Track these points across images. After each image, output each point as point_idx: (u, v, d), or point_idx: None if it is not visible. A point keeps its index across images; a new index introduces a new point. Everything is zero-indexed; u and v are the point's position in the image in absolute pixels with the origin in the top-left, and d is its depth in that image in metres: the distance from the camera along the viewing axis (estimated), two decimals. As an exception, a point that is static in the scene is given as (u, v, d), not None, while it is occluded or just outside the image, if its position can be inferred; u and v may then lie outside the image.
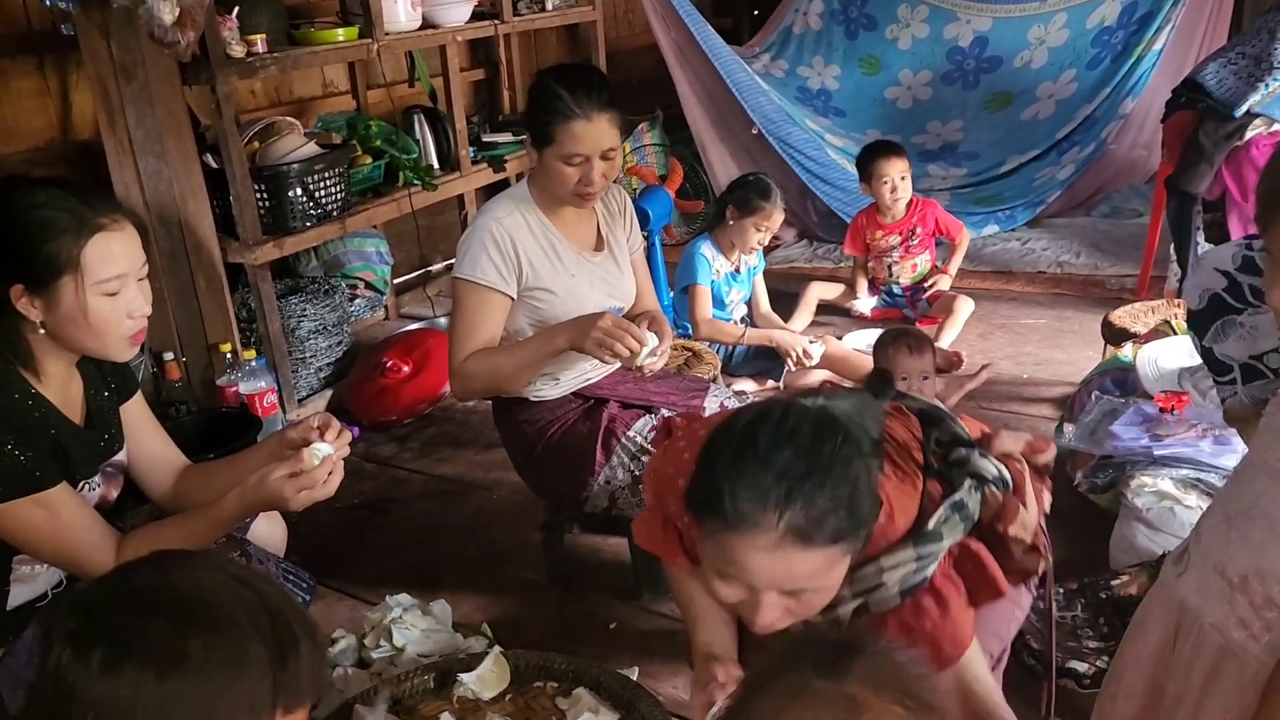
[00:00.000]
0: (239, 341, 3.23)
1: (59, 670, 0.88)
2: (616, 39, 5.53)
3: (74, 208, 1.55)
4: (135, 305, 1.62)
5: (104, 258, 1.57)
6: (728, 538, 1.18)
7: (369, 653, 2.02)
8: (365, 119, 3.77)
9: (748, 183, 3.55)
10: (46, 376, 1.64)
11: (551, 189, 2.24)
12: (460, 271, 2.22)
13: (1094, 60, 4.95)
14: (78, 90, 3.17)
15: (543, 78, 2.19)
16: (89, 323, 1.58)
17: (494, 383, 2.27)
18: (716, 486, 1.18)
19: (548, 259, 2.26)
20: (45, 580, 1.69)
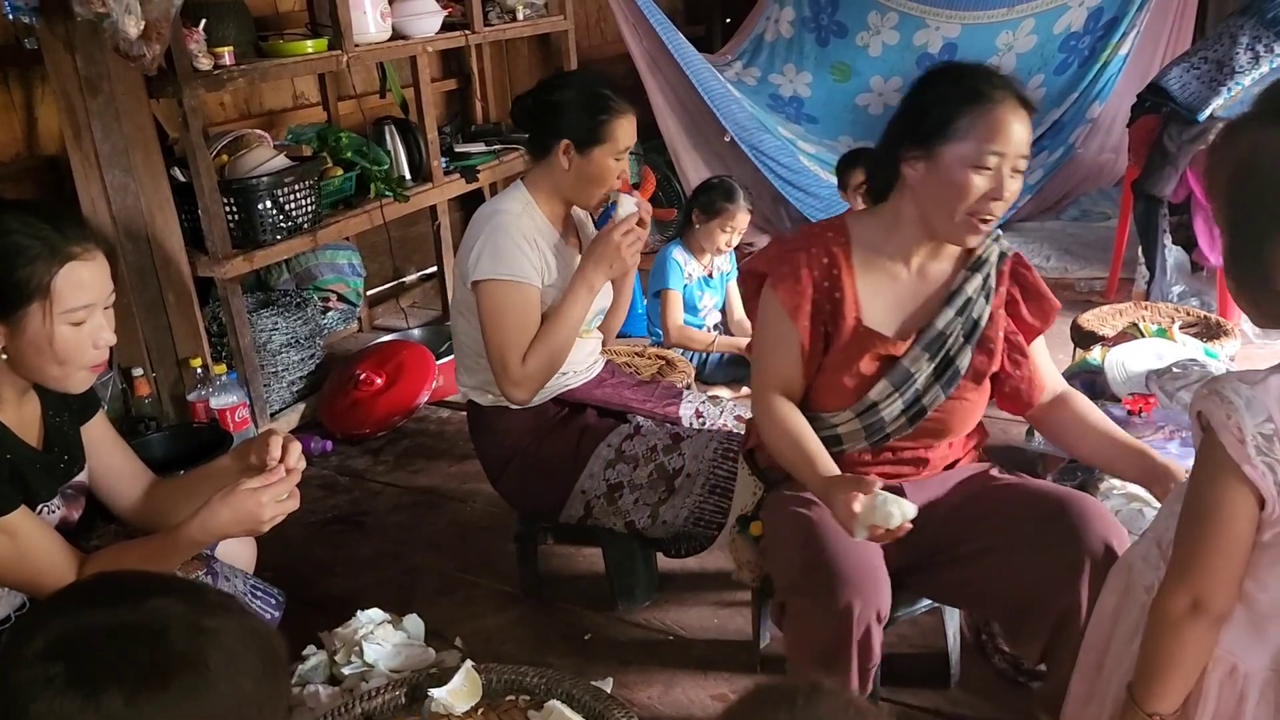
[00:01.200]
0: (209, 356, 3.20)
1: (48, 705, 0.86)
2: (588, 48, 5.53)
3: (47, 235, 1.52)
4: (100, 335, 1.60)
5: (75, 287, 1.54)
6: (990, 114, 1.63)
7: (340, 669, 2.00)
8: (336, 130, 3.75)
9: (712, 185, 3.57)
10: (1, 401, 1.61)
11: (585, 191, 2.27)
12: (495, 273, 2.16)
13: (1061, 65, 5.00)
14: (43, 105, 3.13)
15: (571, 84, 2.26)
16: (54, 351, 1.55)
17: (555, 366, 2.24)
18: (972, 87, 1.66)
19: (556, 258, 2.27)
20: (8, 603, 1.66)
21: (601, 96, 2.20)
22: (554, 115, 2.22)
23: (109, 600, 0.92)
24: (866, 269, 1.82)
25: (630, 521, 2.26)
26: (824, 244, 1.81)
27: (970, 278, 1.81)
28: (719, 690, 2.15)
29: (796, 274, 1.78)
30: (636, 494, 2.25)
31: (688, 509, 2.23)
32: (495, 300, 2.18)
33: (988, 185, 1.66)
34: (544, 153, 2.26)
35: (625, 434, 2.31)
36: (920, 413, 1.79)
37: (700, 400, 2.51)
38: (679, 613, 2.41)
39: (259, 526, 1.61)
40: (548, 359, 2.19)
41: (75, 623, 0.90)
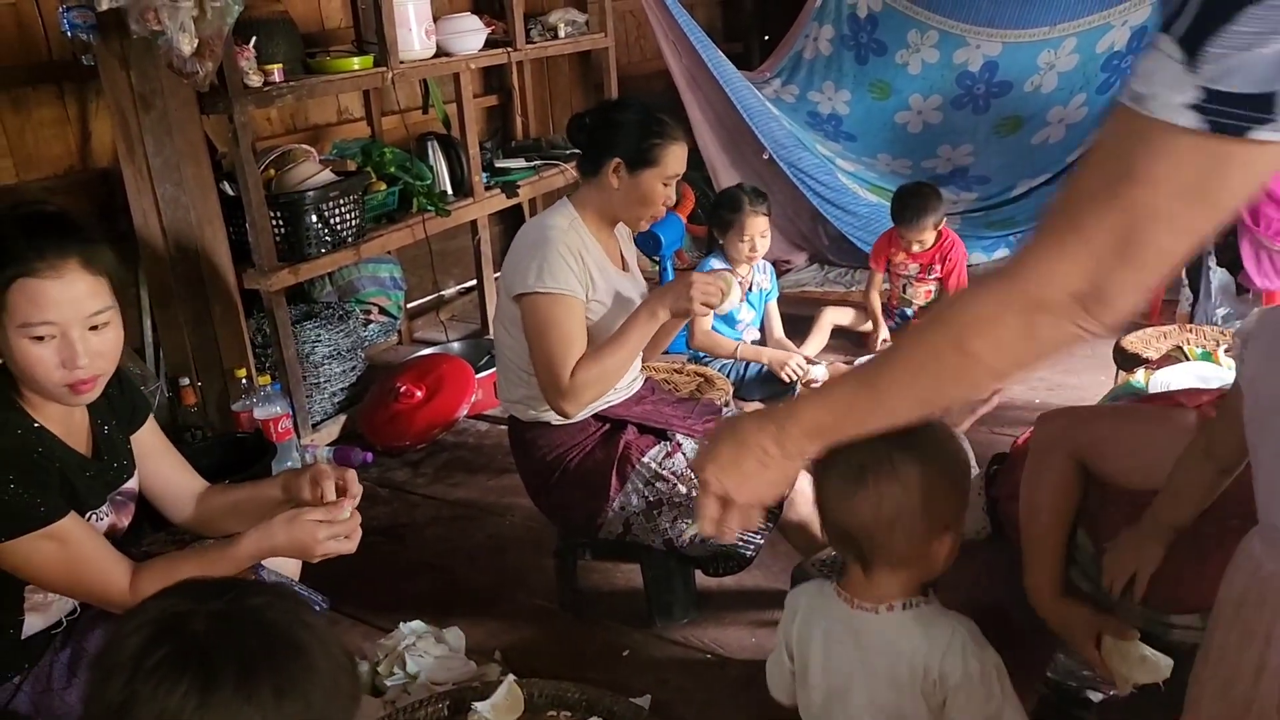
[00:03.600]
0: (254, 367, 3.25)
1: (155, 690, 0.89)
2: (628, 65, 5.57)
3: (13, 246, 1.49)
4: (69, 356, 1.53)
5: (29, 302, 1.50)
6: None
7: (383, 680, 2.02)
8: (380, 146, 3.80)
9: (720, 201, 3.62)
10: (46, 406, 1.62)
11: (633, 211, 2.32)
12: (541, 285, 2.18)
13: (1104, 85, 4.97)
14: (97, 119, 3.21)
15: (627, 108, 2.32)
16: (16, 364, 1.54)
17: (606, 385, 2.26)
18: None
19: (600, 273, 2.30)
20: (59, 609, 1.70)
21: (658, 121, 2.27)
22: (610, 134, 2.28)
23: (209, 595, 0.95)
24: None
25: (669, 540, 2.27)
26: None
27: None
28: (757, 710, 2.15)
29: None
30: (675, 512, 2.26)
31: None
32: (541, 314, 2.19)
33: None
34: (595, 170, 2.30)
35: (666, 451, 2.32)
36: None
37: (740, 418, 2.52)
38: (717, 631, 2.41)
39: (310, 556, 1.67)
40: (599, 376, 2.20)
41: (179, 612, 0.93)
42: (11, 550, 1.52)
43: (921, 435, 1.24)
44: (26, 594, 1.63)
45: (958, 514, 1.30)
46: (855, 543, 1.28)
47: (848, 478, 1.25)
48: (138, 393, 1.87)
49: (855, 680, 1.32)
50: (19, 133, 3.05)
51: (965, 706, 1.26)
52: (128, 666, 0.90)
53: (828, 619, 1.36)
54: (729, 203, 3.52)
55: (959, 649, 1.26)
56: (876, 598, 1.32)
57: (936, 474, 1.25)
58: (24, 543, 1.52)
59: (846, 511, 1.26)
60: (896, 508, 1.24)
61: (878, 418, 1.10)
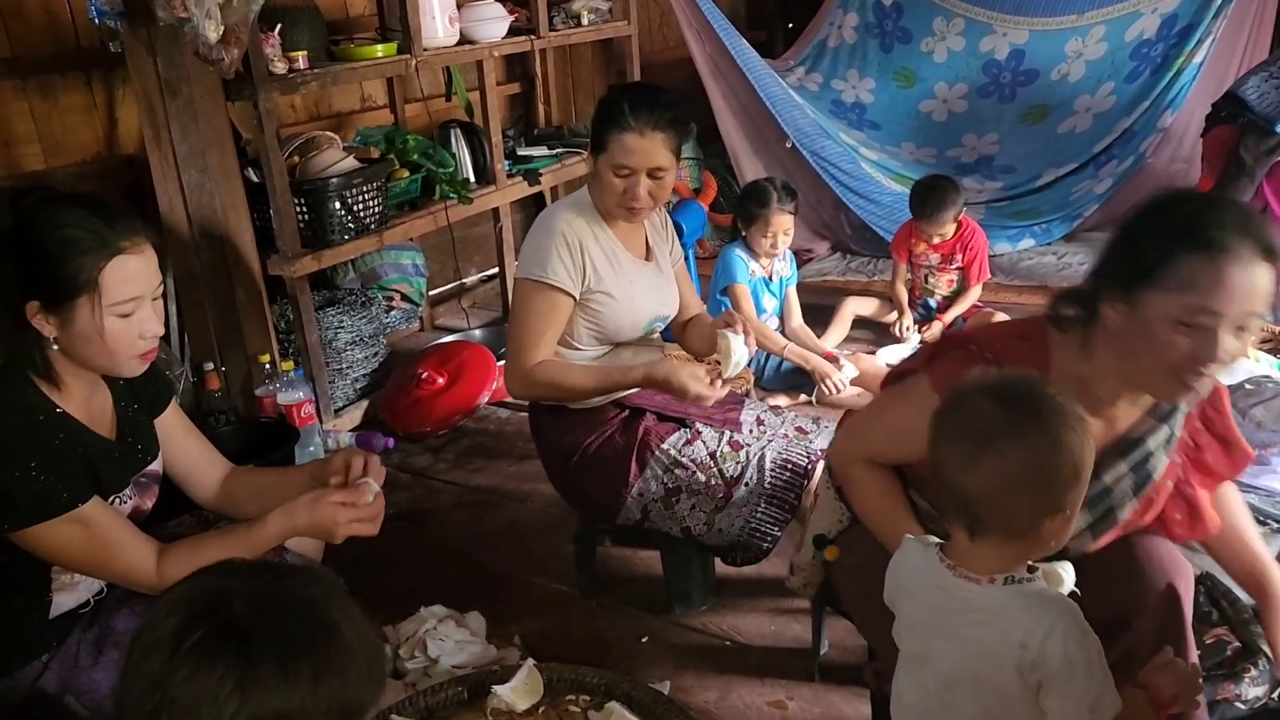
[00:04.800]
0: (277, 352, 3.27)
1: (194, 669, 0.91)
2: (651, 53, 5.56)
3: (97, 228, 1.55)
4: (148, 326, 1.63)
5: (122, 280, 1.57)
6: (1215, 271, 1.36)
7: (403, 663, 2.04)
8: (403, 133, 3.81)
9: (747, 193, 3.60)
10: (68, 390, 1.65)
11: (602, 198, 2.29)
12: (529, 272, 2.23)
13: (1133, 73, 4.92)
14: (124, 106, 3.23)
15: (612, 90, 2.28)
16: (103, 342, 1.59)
17: (559, 396, 2.31)
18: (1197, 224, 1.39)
19: (609, 264, 2.29)
20: (86, 589, 1.72)
21: (613, 107, 2.18)
22: (592, 118, 2.28)
23: (247, 576, 0.97)
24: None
25: (686, 527, 2.27)
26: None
27: (1156, 429, 1.60)
28: (775, 697, 2.15)
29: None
30: (694, 500, 2.26)
31: (744, 518, 2.24)
32: (522, 297, 2.27)
33: (1195, 346, 1.40)
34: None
35: (685, 439, 2.32)
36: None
37: (762, 409, 2.52)
38: (736, 618, 2.42)
39: (333, 538, 1.71)
40: (557, 384, 2.25)
41: (217, 592, 0.95)
42: (37, 535, 1.55)
43: (1047, 405, 1.27)
44: (54, 575, 1.66)
45: (1074, 496, 1.29)
46: (971, 508, 1.28)
47: (974, 440, 1.26)
48: (161, 377, 1.89)
49: (946, 644, 1.33)
50: (47, 119, 3.08)
51: (1066, 691, 1.26)
52: (166, 646, 0.91)
53: (925, 583, 1.37)
54: (757, 196, 3.51)
55: (1061, 634, 1.26)
56: (981, 569, 1.32)
57: (1062, 451, 1.25)
58: (49, 528, 1.55)
59: (968, 475, 1.27)
60: (1020, 477, 1.24)
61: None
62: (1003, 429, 1.25)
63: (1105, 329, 1.49)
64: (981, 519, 1.28)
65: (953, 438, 1.29)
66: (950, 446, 1.29)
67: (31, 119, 3.05)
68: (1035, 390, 1.29)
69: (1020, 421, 1.25)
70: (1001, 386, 1.30)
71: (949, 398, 1.35)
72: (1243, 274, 1.36)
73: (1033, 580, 1.31)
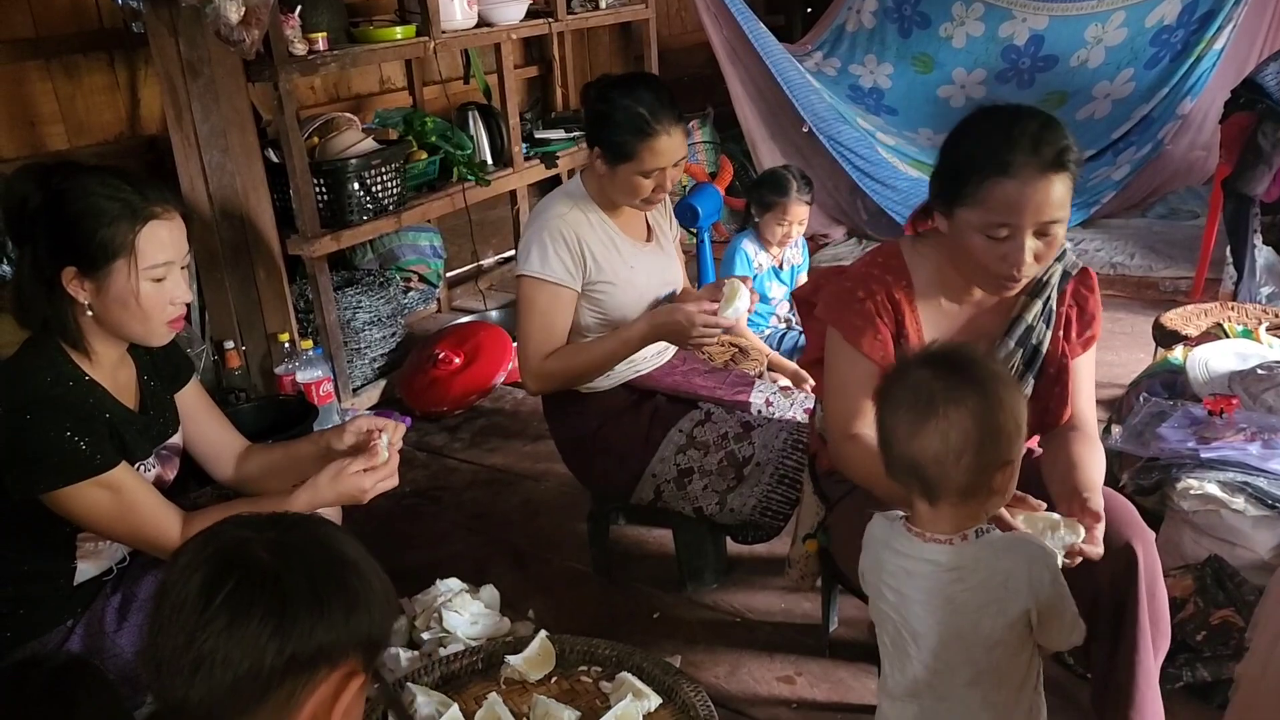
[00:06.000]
0: (297, 331, 3.31)
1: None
2: (669, 36, 5.56)
3: (129, 196, 1.61)
4: (178, 292, 1.69)
5: (156, 244, 1.63)
6: (1000, 185, 1.53)
7: (419, 634, 2.07)
8: (421, 115, 3.84)
9: (764, 180, 3.56)
10: (97, 359, 1.70)
11: (621, 198, 2.30)
12: (529, 269, 2.26)
13: (1152, 60, 4.89)
14: (146, 86, 3.27)
15: (615, 96, 2.20)
16: (138, 306, 1.64)
17: (573, 380, 2.33)
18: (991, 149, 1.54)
19: (608, 252, 2.31)
20: (110, 556, 1.76)
21: (637, 117, 2.16)
22: (593, 122, 2.25)
23: (260, 526, 1.00)
24: (928, 309, 1.78)
25: (699, 507, 2.30)
26: (886, 287, 1.77)
27: (1030, 304, 1.77)
28: (785, 672, 2.18)
29: (874, 324, 1.76)
30: (706, 480, 2.29)
31: (755, 498, 2.26)
32: (525, 294, 2.29)
33: (1003, 251, 1.60)
34: (590, 151, 2.30)
35: (696, 420, 2.35)
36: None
37: (772, 390, 2.54)
38: (747, 596, 2.45)
39: (362, 501, 1.74)
40: (566, 370, 2.29)
41: (237, 543, 0.97)
42: (68, 497, 1.59)
43: (981, 368, 1.34)
44: (79, 542, 1.70)
45: (1018, 447, 1.35)
46: (923, 474, 1.34)
47: (918, 409, 1.32)
48: (181, 353, 1.94)
49: (929, 609, 1.37)
50: (70, 99, 3.12)
51: (1062, 610, 1.34)
52: (197, 602, 0.93)
53: (897, 554, 1.41)
54: (774, 184, 3.47)
55: (1041, 564, 1.34)
56: (947, 530, 1.37)
57: (999, 405, 1.31)
58: (79, 490, 1.59)
59: (915, 443, 1.32)
60: (963, 438, 1.30)
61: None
62: (942, 395, 1.31)
63: (940, 233, 1.70)
64: (935, 483, 1.34)
65: (897, 409, 1.35)
66: (895, 417, 1.35)
67: (55, 99, 3.09)
68: (968, 355, 1.37)
69: (958, 386, 1.31)
70: (936, 355, 1.37)
71: (888, 373, 1.44)
72: (1034, 191, 1.54)
73: (992, 529, 1.38)
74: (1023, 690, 1.41)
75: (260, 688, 0.93)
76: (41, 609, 1.70)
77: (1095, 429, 1.84)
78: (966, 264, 1.68)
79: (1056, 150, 1.55)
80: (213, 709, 0.93)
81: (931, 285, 1.78)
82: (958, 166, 1.62)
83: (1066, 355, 1.81)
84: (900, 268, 1.79)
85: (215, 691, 0.93)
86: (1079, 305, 1.82)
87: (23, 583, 1.69)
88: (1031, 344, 1.77)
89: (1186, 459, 2.25)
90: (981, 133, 1.61)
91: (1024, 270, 1.62)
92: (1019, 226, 1.57)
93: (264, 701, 0.94)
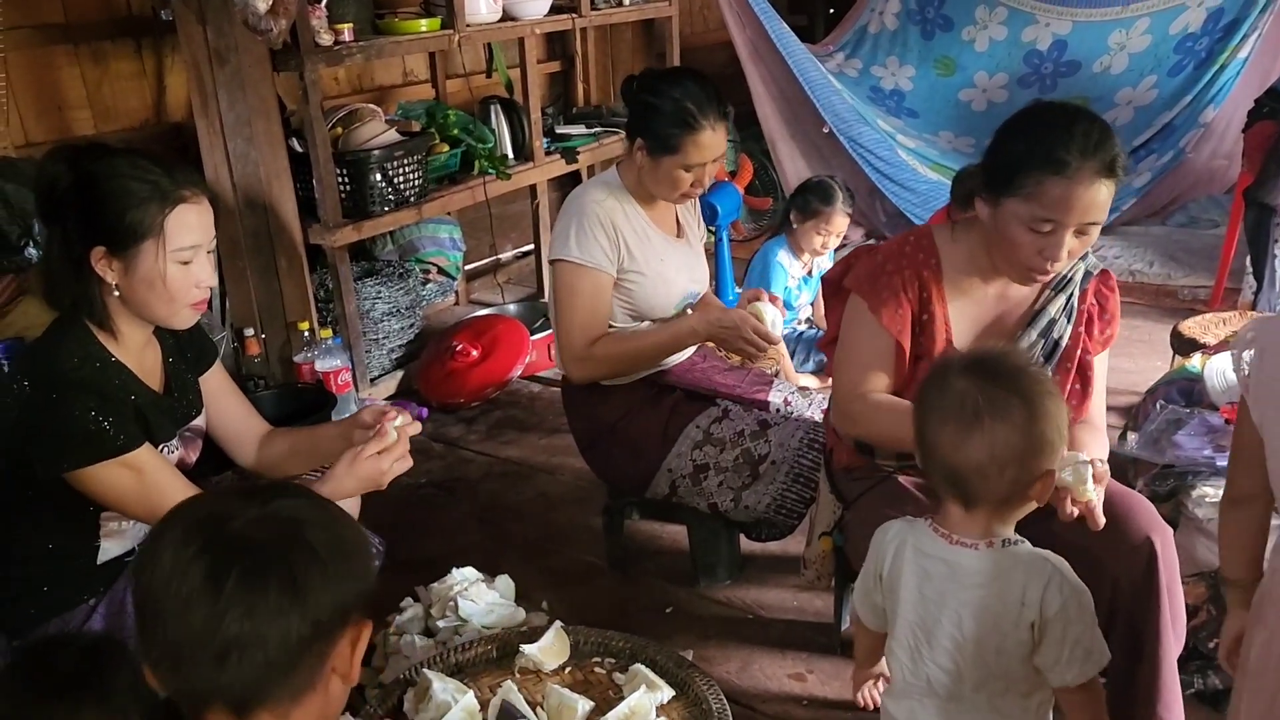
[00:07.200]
0: (316, 320, 3.33)
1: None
2: (691, 34, 5.56)
3: (159, 178, 1.63)
4: (203, 275, 1.71)
5: (184, 227, 1.65)
6: (1054, 182, 1.58)
7: (435, 622, 2.09)
8: (444, 108, 3.85)
9: (811, 186, 3.54)
10: (123, 340, 1.72)
11: (660, 190, 2.31)
12: (568, 254, 2.26)
13: (1176, 67, 4.87)
14: (172, 74, 3.30)
15: (663, 88, 2.23)
16: (164, 287, 1.66)
17: (619, 370, 2.34)
18: (1048, 147, 1.59)
19: (642, 242, 2.33)
20: (133, 535, 1.78)
21: (684, 110, 2.19)
22: (639, 113, 2.27)
23: (242, 505, 1.02)
24: (955, 292, 1.84)
25: (714, 503, 2.31)
26: (915, 266, 1.83)
27: (1054, 298, 1.82)
28: (796, 670, 2.19)
29: (898, 298, 1.81)
30: (721, 477, 2.30)
31: (770, 496, 2.27)
32: (564, 280, 2.29)
33: (1042, 245, 1.66)
34: (630, 143, 2.32)
35: (714, 417, 2.36)
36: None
37: (790, 390, 2.54)
38: (759, 592, 2.46)
39: (381, 484, 1.76)
40: (617, 358, 2.29)
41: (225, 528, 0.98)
42: (91, 476, 1.61)
43: (1026, 378, 1.35)
44: (103, 521, 1.72)
45: (1059, 453, 1.38)
46: (964, 484, 1.36)
47: (963, 422, 1.33)
48: (206, 337, 1.96)
49: (947, 611, 1.39)
50: (98, 85, 3.15)
51: (1063, 637, 1.35)
52: (206, 593, 0.94)
53: (920, 554, 1.43)
54: (821, 193, 3.44)
55: (1057, 584, 1.34)
56: (976, 534, 1.39)
57: (1045, 416, 1.33)
58: (103, 469, 1.61)
59: (960, 454, 1.34)
60: (1010, 451, 1.32)
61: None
62: (987, 408, 1.32)
63: (979, 218, 1.75)
64: (976, 492, 1.36)
65: (942, 421, 1.36)
66: (940, 429, 1.36)
67: (83, 84, 3.12)
68: (1012, 363, 1.38)
69: (1002, 399, 1.32)
70: (978, 363, 1.38)
71: (927, 378, 1.45)
72: (1083, 191, 1.59)
73: (1022, 543, 1.39)
74: (1030, 698, 1.42)
75: (291, 659, 0.96)
76: (65, 587, 1.73)
77: (1104, 424, 1.88)
78: (1001, 252, 1.73)
79: (1111, 156, 1.60)
80: (245, 690, 0.95)
81: (960, 271, 1.83)
82: (1012, 158, 1.66)
83: (1088, 351, 1.84)
84: (930, 248, 1.85)
85: (248, 673, 0.94)
86: (1100, 304, 1.87)
87: (47, 560, 1.71)
88: (1053, 337, 1.82)
89: (1202, 466, 2.26)
90: (1040, 128, 1.65)
91: (1057, 266, 1.68)
92: (1063, 224, 1.62)
93: (294, 671, 0.97)
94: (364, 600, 1.03)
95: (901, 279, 1.82)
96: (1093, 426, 1.85)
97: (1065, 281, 1.83)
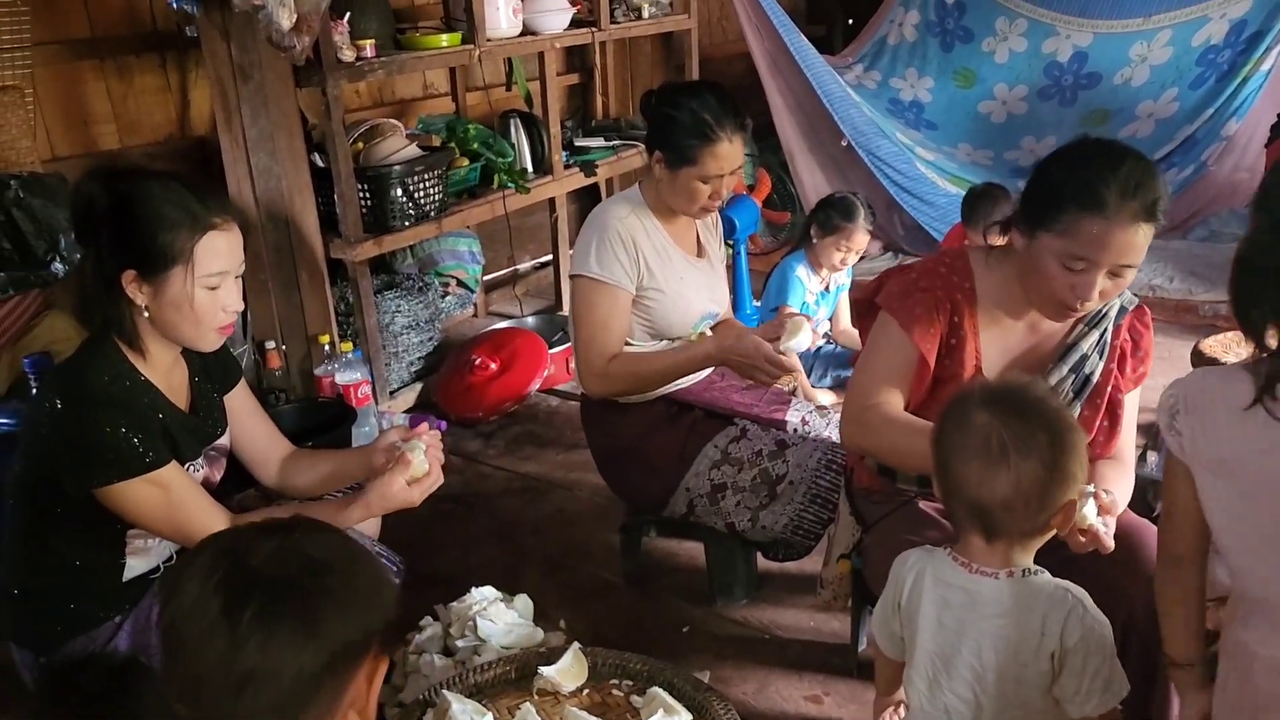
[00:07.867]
0: (337, 334, 3.35)
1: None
2: (710, 46, 5.57)
3: (191, 204, 1.66)
4: (230, 301, 1.74)
5: (213, 254, 1.68)
6: (1091, 221, 1.56)
7: (454, 641, 2.10)
8: (464, 122, 3.87)
9: (832, 202, 3.52)
10: (152, 360, 1.75)
11: (678, 203, 2.33)
12: (588, 270, 2.28)
13: (1198, 80, 4.85)
14: (196, 89, 3.33)
15: (681, 100, 2.25)
16: (192, 311, 1.69)
17: (635, 387, 2.35)
18: (1088, 184, 1.56)
19: (662, 260, 2.34)
20: (158, 553, 1.80)
21: (701, 122, 2.20)
22: (657, 125, 2.29)
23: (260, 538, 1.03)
24: (988, 319, 1.82)
25: (731, 523, 2.31)
26: (949, 289, 1.82)
27: (1087, 334, 1.81)
28: (813, 691, 2.19)
29: (930, 316, 1.79)
30: (739, 497, 2.30)
31: (787, 516, 2.27)
32: (584, 295, 2.31)
33: (1074, 282, 1.63)
34: (648, 156, 2.34)
35: (732, 436, 2.36)
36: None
37: (808, 409, 2.54)
38: (776, 612, 2.46)
39: (413, 506, 1.83)
40: (634, 375, 2.31)
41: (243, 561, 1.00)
42: (118, 493, 1.63)
43: (1048, 410, 1.35)
44: (128, 539, 1.75)
45: (1081, 484, 1.39)
46: (988, 518, 1.36)
47: (989, 458, 1.33)
48: (231, 357, 1.98)
49: (966, 640, 1.39)
50: (123, 99, 3.19)
51: (1083, 668, 1.35)
52: (223, 627, 0.95)
53: (940, 583, 1.43)
54: (844, 209, 3.43)
55: (1078, 616, 1.35)
56: (996, 564, 1.39)
57: (1069, 450, 1.34)
58: (130, 487, 1.63)
59: (984, 490, 1.34)
60: (1035, 486, 1.32)
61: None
62: (1014, 445, 1.32)
63: (1014, 249, 1.74)
64: (999, 526, 1.36)
65: (965, 458, 1.36)
66: (964, 466, 1.36)
67: (108, 99, 3.15)
68: (1033, 396, 1.38)
69: (1027, 436, 1.32)
70: (998, 396, 1.38)
71: (945, 412, 1.44)
72: (1121, 233, 1.57)
73: (1042, 573, 1.40)
74: None
75: (306, 694, 0.97)
76: (90, 603, 1.75)
77: (1132, 461, 1.87)
78: (1033, 284, 1.72)
79: (1153, 199, 1.58)
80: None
81: (993, 299, 1.82)
82: (1052, 192, 1.64)
83: (1119, 389, 1.83)
84: (965, 271, 1.83)
85: (264, 706, 0.96)
86: (1134, 340, 1.86)
87: (73, 576, 1.73)
88: (1084, 373, 1.80)
89: (1224, 490, 2.23)
90: (1083, 164, 1.62)
91: (1088, 305, 1.67)
92: (1096, 263, 1.60)
93: (310, 705, 0.98)
94: (380, 636, 1.04)
95: (934, 298, 1.80)
96: (1120, 463, 1.84)
97: (1100, 317, 1.81)
